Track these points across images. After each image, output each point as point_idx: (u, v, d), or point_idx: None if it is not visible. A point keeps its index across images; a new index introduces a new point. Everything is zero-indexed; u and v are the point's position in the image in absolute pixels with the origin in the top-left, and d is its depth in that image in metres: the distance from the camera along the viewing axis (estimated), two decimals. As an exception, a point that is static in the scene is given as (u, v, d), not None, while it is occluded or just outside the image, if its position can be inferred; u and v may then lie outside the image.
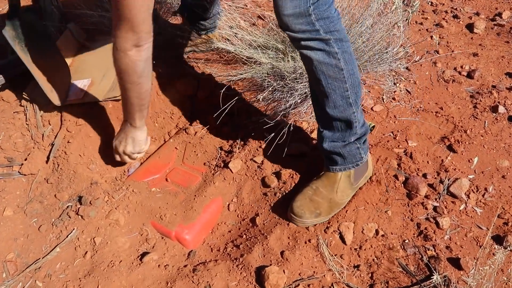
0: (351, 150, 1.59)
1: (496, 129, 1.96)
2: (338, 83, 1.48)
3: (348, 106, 1.52)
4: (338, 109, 1.52)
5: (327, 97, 1.51)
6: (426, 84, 2.22)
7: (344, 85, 1.48)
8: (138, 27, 1.40)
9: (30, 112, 1.90)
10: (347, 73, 1.47)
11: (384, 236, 1.58)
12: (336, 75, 1.47)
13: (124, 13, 1.36)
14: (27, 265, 1.54)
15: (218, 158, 1.90)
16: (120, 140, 1.74)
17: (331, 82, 1.48)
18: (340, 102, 1.51)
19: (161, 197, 1.74)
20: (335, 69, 1.46)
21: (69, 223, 1.63)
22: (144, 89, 1.59)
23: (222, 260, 1.54)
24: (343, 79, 1.48)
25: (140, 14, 1.37)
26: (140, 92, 1.59)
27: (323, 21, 1.40)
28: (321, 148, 1.62)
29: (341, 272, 1.50)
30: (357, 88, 1.52)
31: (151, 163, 1.87)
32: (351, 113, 1.53)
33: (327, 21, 1.40)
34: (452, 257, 1.52)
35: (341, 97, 1.50)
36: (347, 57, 1.46)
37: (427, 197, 1.69)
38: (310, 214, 1.59)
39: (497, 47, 2.45)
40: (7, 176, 1.75)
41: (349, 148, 1.59)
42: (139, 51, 1.46)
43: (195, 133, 1.98)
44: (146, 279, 1.50)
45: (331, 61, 1.45)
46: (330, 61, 1.45)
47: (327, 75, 1.47)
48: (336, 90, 1.49)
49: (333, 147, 1.59)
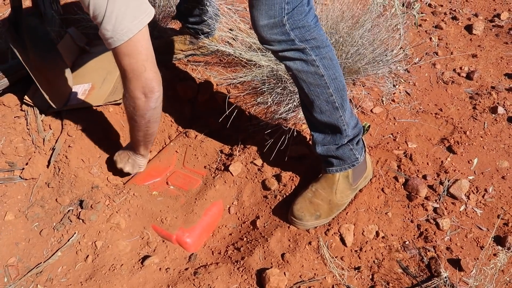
0: (345, 152, 1.60)
1: (495, 130, 1.96)
2: (321, 89, 1.48)
3: (334, 110, 1.52)
4: (325, 114, 1.53)
5: (312, 103, 1.52)
6: (425, 86, 2.22)
7: (327, 90, 1.49)
8: (142, 75, 1.41)
9: (31, 116, 1.91)
10: (329, 78, 1.47)
11: (384, 237, 1.59)
12: (317, 81, 1.47)
13: (123, 63, 1.40)
14: (28, 269, 1.55)
15: (218, 161, 1.90)
16: (122, 158, 1.78)
17: (314, 89, 1.48)
18: (326, 107, 1.51)
19: (162, 201, 1.75)
20: (315, 76, 1.46)
21: (70, 227, 1.63)
22: (151, 131, 1.61)
23: (223, 263, 1.55)
24: (325, 85, 1.48)
25: (139, 63, 1.40)
26: (147, 134, 1.62)
27: (298, 30, 1.40)
28: (315, 152, 1.63)
29: (342, 274, 1.50)
30: (342, 92, 1.52)
31: (152, 166, 1.88)
32: (338, 117, 1.53)
33: (302, 30, 1.40)
34: (452, 258, 1.52)
35: (326, 102, 1.50)
36: (327, 62, 1.46)
37: (427, 199, 1.70)
38: (310, 216, 1.59)
39: (496, 48, 2.45)
40: (8, 180, 1.76)
41: (342, 151, 1.59)
42: (147, 101, 1.47)
43: (196, 136, 1.98)
44: (147, 282, 1.50)
45: (309, 69, 1.45)
46: (309, 69, 1.45)
47: (308, 83, 1.48)
48: (320, 96, 1.49)
49: (326, 150, 1.60)
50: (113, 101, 1.89)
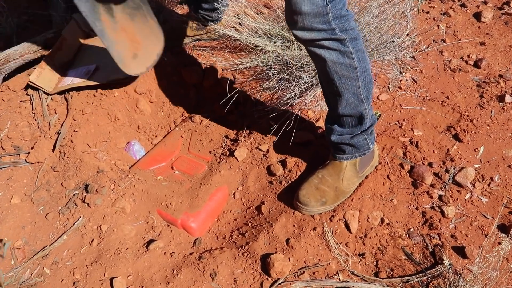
0: (359, 141, 1.59)
1: (502, 118, 1.95)
2: (352, 82, 1.46)
3: (359, 103, 1.51)
4: (350, 106, 1.51)
5: (340, 96, 1.49)
6: (432, 73, 2.20)
7: (357, 83, 1.47)
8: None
9: (36, 101, 1.91)
10: (360, 71, 1.45)
11: (389, 224, 1.59)
12: (350, 74, 1.44)
13: None
14: (34, 252, 1.56)
15: (223, 147, 1.90)
16: None
17: (345, 81, 1.45)
18: (352, 99, 1.49)
19: (167, 185, 1.75)
20: (349, 68, 1.43)
21: (75, 211, 1.64)
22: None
23: (228, 248, 1.55)
24: (356, 78, 1.46)
25: None
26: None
27: (339, 20, 1.36)
28: (329, 140, 1.62)
29: (346, 260, 1.50)
30: (368, 85, 1.50)
31: (157, 151, 1.88)
32: (363, 109, 1.52)
33: (342, 20, 1.37)
34: (457, 245, 1.52)
35: (353, 94, 1.48)
36: (361, 55, 1.44)
37: (433, 186, 1.69)
38: (316, 202, 1.59)
39: (504, 36, 2.42)
40: (14, 164, 1.76)
41: (357, 139, 1.58)
42: None
43: (201, 121, 1.98)
44: (152, 266, 1.51)
45: (345, 61, 1.42)
46: (345, 61, 1.42)
47: (341, 75, 1.44)
48: (350, 88, 1.47)
49: (341, 139, 1.59)
50: (116, 78, 1.87)
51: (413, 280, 1.44)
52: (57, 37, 2.06)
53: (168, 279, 1.47)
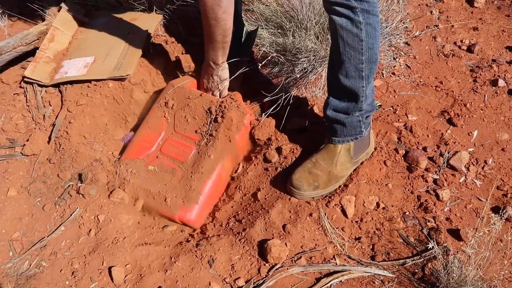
0: (353, 121, 1.60)
1: (495, 102, 1.96)
2: (355, 53, 1.48)
3: (359, 79, 1.52)
4: (349, 79, 1.52)
5: (342, 64, 1.51)
6: (425, 59, 2.21)
7: (360, 57, 1.48)
8: None
9: (30, 93, 1.90)
10: (366, 45, 1.47)
11: (385, 208, 1.60)
12: (354, 44, 1.46)
13: None
14: (32, 243, 1.56)
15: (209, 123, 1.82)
16: (207, 79, 1.87)
17: (348, 50, 1.48)
18: (353, 73, 1.51)
19: (159, 177, 1.72)
20: (355, 38, 1.45)
21: (71, 202, 1.64)
22: (227, 26, 1.63)
23: (225, 235, 1.56)
24: (361, 51, 1.47)
25: None
26: (225, 29, 1.64)
27: None
28: (325, 114, 1.63)
29: (343, 244, 1.52)
30: (372, 64, 1.52)
31: (143, 136, 1.81)
32: (360, 86, 1.53)
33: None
34: (452, 228, 1.54)
35: (355, 68, 1.50)
36: (370, 30, 1.45)
37: (427, 170, 1.71)
38: (308, 186, 1.60)
39: (497, 21, 2.43)
40: (10, 157, 1.76)
41: (351, 119, 1.60)
42: None
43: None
44: (150, 254, 1.52)
45: (352, 29, 1.44)
46: (352, 29, 1.44)
47: (346, 42, 1.46)
48: (351, 59, 1.49)
49: (336, 116, 1.60)
50: (118, 76, 1.86)
51: (409, 263, 1.46)
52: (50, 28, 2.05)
53: (166, 266, 1.48)
